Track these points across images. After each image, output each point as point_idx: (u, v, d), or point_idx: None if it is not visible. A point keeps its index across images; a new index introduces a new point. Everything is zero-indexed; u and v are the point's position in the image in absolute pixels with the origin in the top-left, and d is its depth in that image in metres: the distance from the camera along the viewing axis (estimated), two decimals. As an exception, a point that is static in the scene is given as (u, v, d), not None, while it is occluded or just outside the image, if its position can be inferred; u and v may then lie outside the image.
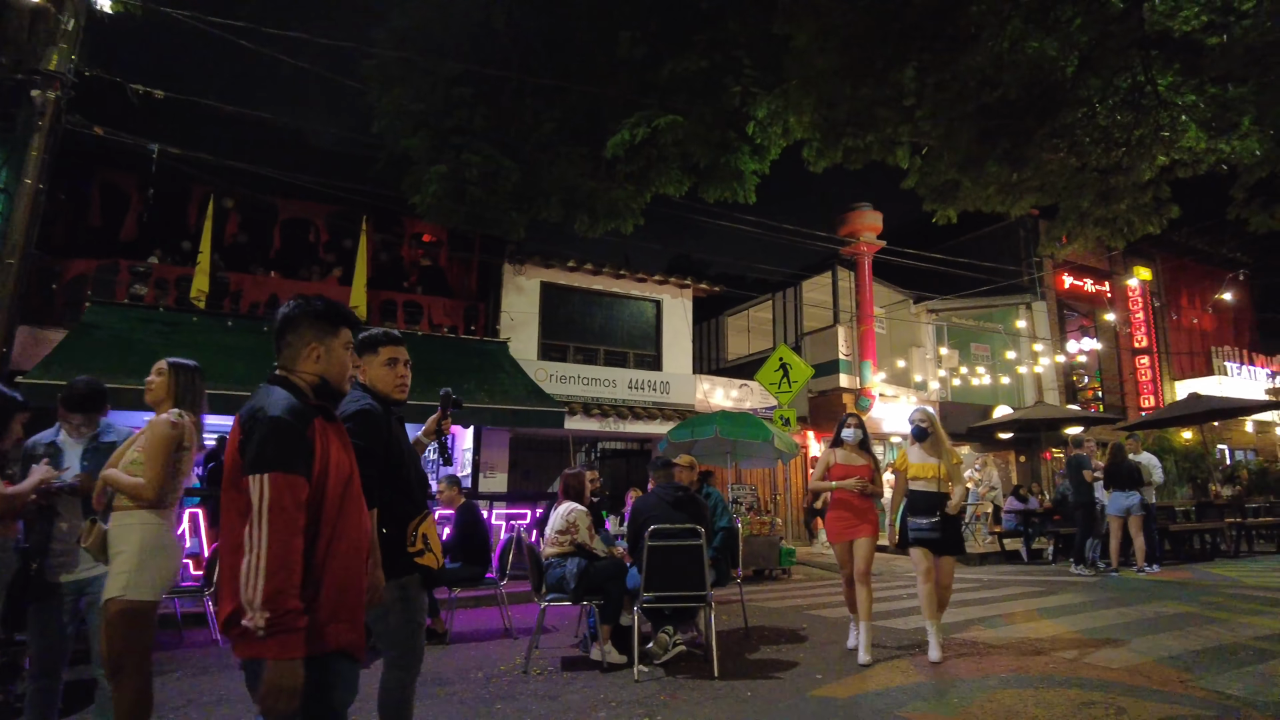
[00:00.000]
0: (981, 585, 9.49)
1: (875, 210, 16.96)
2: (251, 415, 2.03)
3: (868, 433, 6.03)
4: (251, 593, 1.87)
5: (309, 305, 2.23)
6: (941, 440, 5.59)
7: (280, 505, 1.93)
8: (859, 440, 5.87)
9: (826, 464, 5.86)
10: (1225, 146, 10.62)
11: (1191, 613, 7.03)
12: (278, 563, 1.89)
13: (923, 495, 5.52)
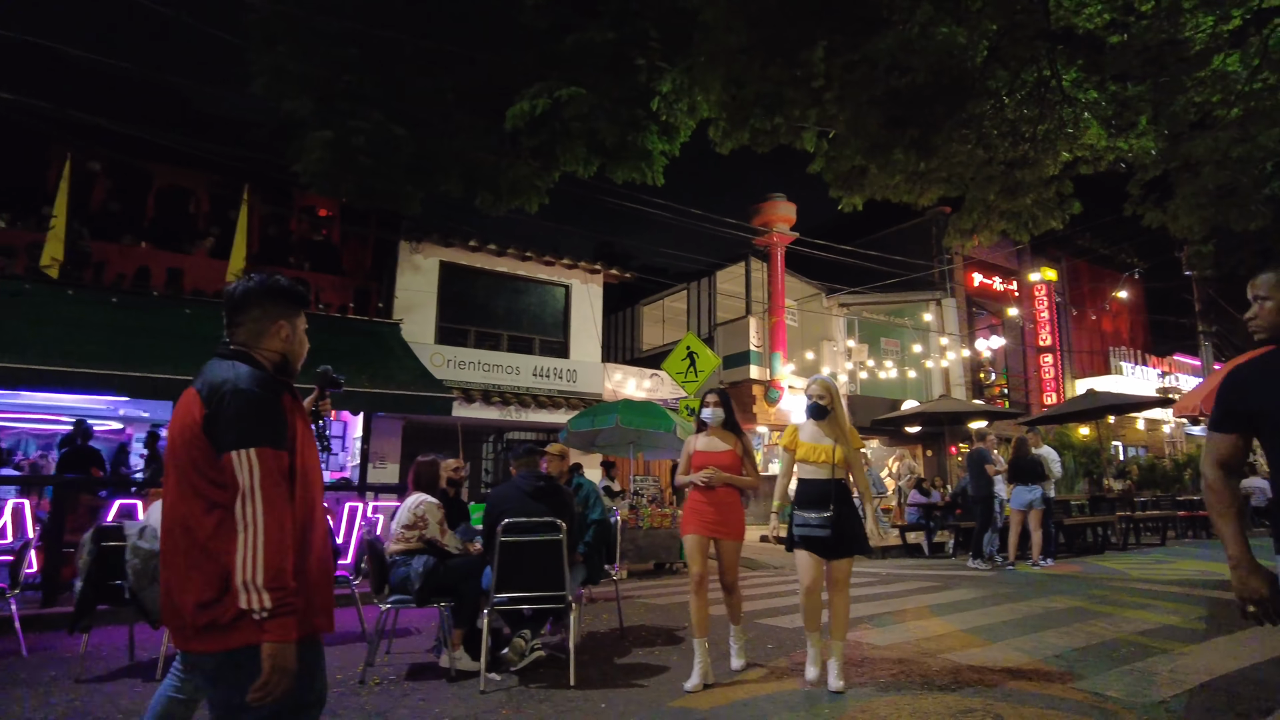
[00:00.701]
0: (879, 580, 9.32)
1: (789, 202, 16.80)
2: (219, 390, 1.91)
3: (733, 411, 5.10)
4: (251, 573, 1.79)
5: (276, 282, 2.17)
6: (841, 419, 4.62)
7: (273, 480, 1.87)
8: (721, 421, 4.99)
9: (687, 453, 5.02)
10: (1124, 144, 10.72)
11: (1079, 607, 6.94)
12: (276, 540, 1.83)
13: (814, 484, 4.48)
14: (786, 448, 4.75)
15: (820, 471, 4.50)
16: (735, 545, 4.83)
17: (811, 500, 4.46)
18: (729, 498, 4.82)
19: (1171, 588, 8.12)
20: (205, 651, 1.87)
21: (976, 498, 10.48)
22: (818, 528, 4.38)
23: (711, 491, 4.78)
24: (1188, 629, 5.97)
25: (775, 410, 16.57)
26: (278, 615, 1.80)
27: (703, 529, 4.76)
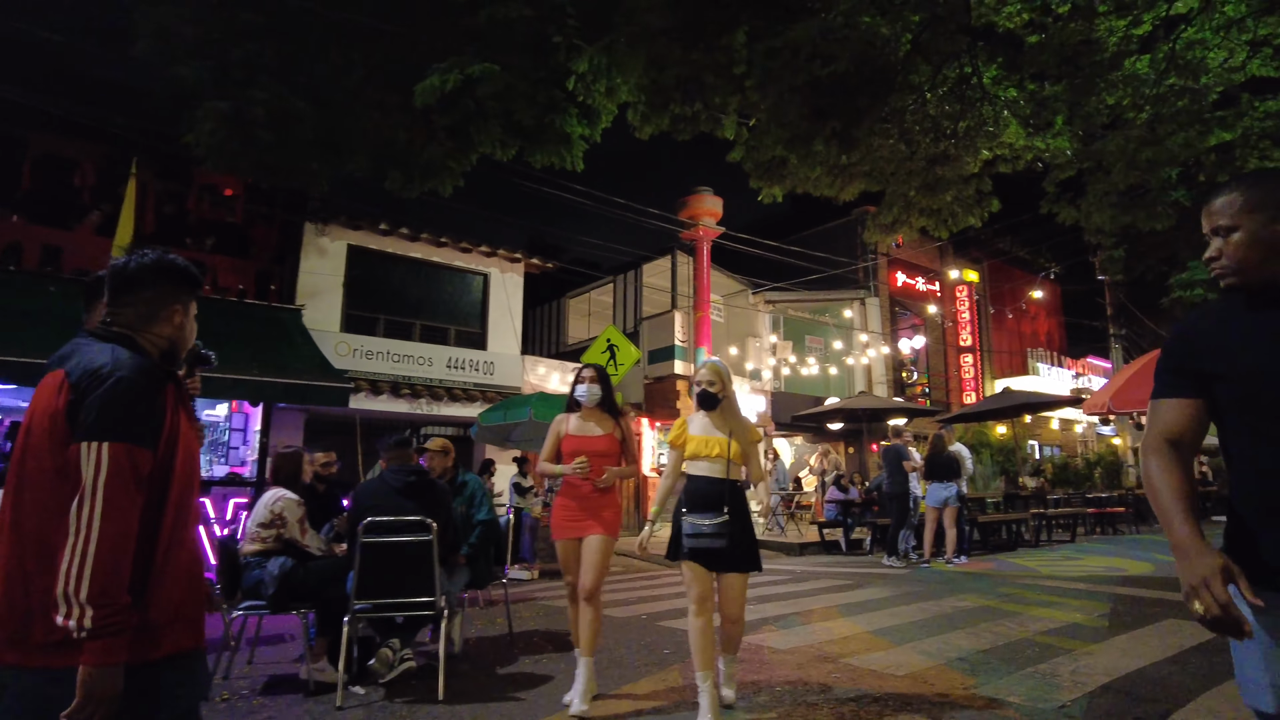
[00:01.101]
0: (793, 578, 9.13)
1: (716, 196, 16.59)
2: (90, 373, 1.70)
3: (611, 389, 4.50)
4: (74, 585, 1.55)
5: (173, 261, 1.95)
6: (734, 409, 3.99)
7: (121, 481, 1.63)
8: (598, 400, 4.36)
9: (555, 435, 4.37)
10: (1041, 144, 10.80)
11: (988, 607, 6.83)
12: (110, 551, 1.59)
13: (704, 483, 3.81)
14: (673, 444, 4.02)
15: (713, 469, 3.83)
16: (601, 543, 4.17)
17: (703, 503, 3.78)
18: (602, 491, 4.28)
19: (1078, 585, 8.12)
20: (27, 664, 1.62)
21: (892, 494, 10.40)
22: (711, 536, 3.69)
23: (582, 485, 4.22)
24: (1092, 627, 5.88)
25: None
26: (101, 636, 1.55)
27: (573, 530, 4.23)
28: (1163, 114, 9.85)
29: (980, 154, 10.89)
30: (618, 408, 4.55)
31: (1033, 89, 10.49)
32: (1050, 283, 28.66)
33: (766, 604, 7.06)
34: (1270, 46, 9.61)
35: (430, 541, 4.15)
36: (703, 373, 3.99)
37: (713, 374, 3.96)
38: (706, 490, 3.81)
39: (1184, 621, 6.08)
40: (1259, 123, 9.69)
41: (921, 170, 11.03)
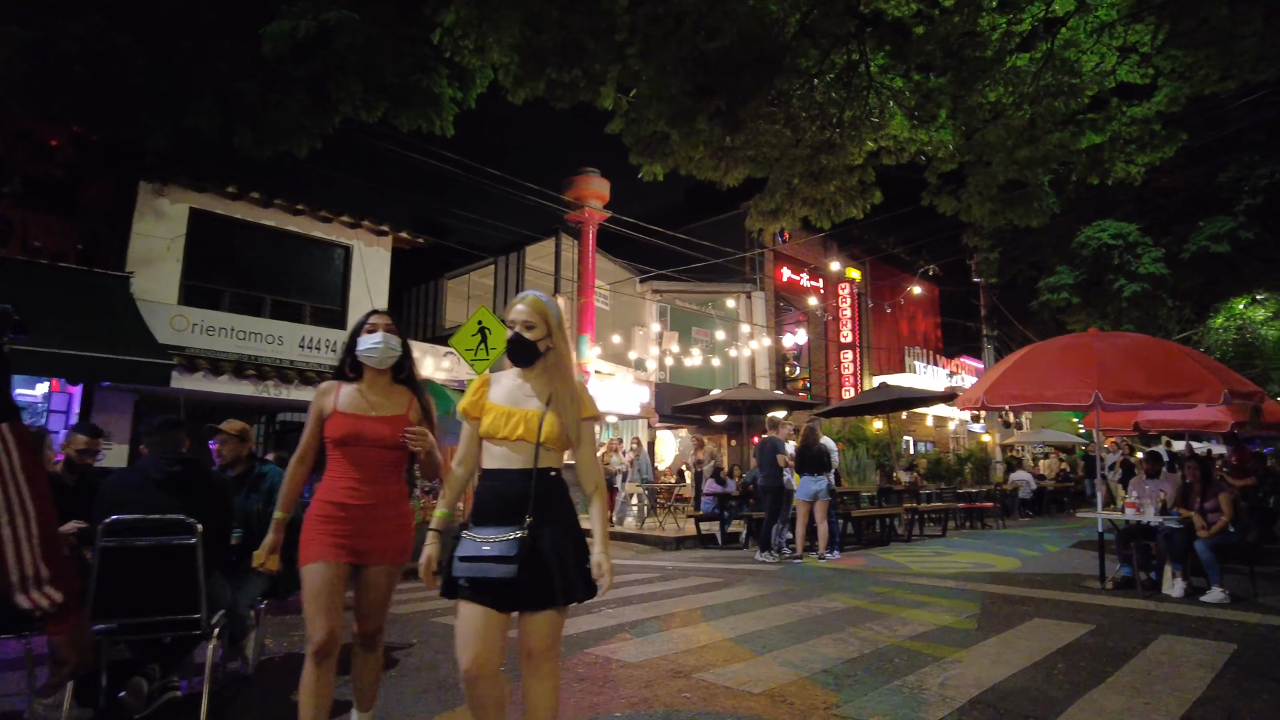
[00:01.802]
0: (661, 575, 8.65)
1: (603, 179, 15.99)
2: None
3: (410, 352, 3.24)
4: None
5: None
6: (564, 369, 2.68)
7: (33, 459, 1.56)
8: (392, 361, 3.10)
9: (317, 415, 3.05)
10: (924, 136, 10.70)
11: (858, 608, 6.51)
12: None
13: (500, 479, 2.54)
14: (465, 414, 2.65)
15: (515, 456, 2.53)
16: (388, 574, 3.05)
17: (494, 508, 2.49)
18: (385, 495, 3.03)
19: (948, 583, 7.98)
20: None
21: (766, 488, 10.10)
22: (494, 560, 2.37)
23: (355, 488, 2.97)
24: (960, 630, 5.62)
25: (582, 396, 15.77)
26: None
27: (334, 551, 2.90)
28: (1040, 113, 9.92)
29: (865, 144, 10.72)
30: (418, 379, 3.27)
31: (918, 80, 10.38)
32: (929, 283, 29.60)
33: (627, 607, 6.51)
34: (1137, 53, 9.79)
35: (194, 545, 3.35)
36: (518, 310, 2.63)
37: (532, 312, 2.62)
38: (501, 489, 2.51)
39: (1049, 621, 5.92)
40: (1126, 127, 9.85)
41: (806, 158, 10.77)
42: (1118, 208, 19.97)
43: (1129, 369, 7.20)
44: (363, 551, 2.96)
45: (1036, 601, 6.86)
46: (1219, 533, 7.06)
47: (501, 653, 2.48)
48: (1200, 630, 5.73)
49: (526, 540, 2.42)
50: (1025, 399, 7.64)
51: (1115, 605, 6.70)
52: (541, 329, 2.63)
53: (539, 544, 2.45)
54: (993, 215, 9.99)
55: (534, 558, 2.43)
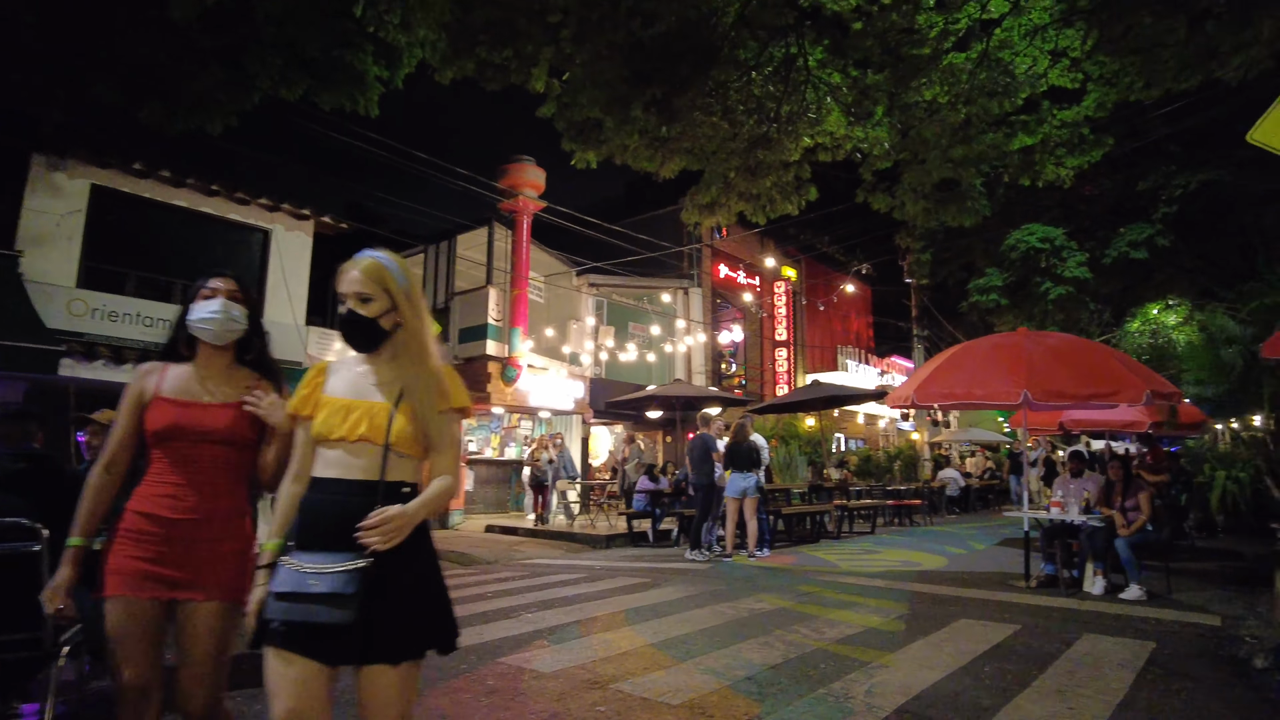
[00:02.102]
0: (588, 576, 8.38)
1: (539, 168, 15.60)
2: None
3: (262, 330, 2.58)
4: None
5: None
6: (419, 350, 2.12)
7: None
8: (235, 336, 2.46)
9: (135, 401, 2.39)
10: (860, 133, 10.68)
11: (785, 609, 6.36)
12: None
13: (331, 494, 1.98)
14: (297, 413, 2.10)
15: (356, 463, 1.99)
16: (220, 616, 2.31)
17: (328, 528, 1.93)
18: (217, 509, 2.36)
19: (876, 581, 7.92)
20: None
21: (698, 485, 9.93)
22: (324, 600, 1.82)
23: (177, 497, 2.31)
24: (888, 632, 5.51)
25: (513, 390, 15.34)
26: None
27: (143, 582, 2.25)
28: (974, 113, 9.97)
29: (802, 140, 10.64)
30: (272, 362, 2.58)
31: (856, 76, 10.34)
32: (862, 283, 30.01)
33: (548, 611, 6.23)
34: (1068, 58, 9.93)
35: (38, 553, 2.95)
36: (349, 278, 2.05)
37: (366, 280, 2.04)
38: (336, 505, 1.94)
39: (975, 622, 5.87)
40: (1057, 130, 9.98)
41: (743, 152, 10.64)
42: (1045, 212, 20.48)
43: (1056, 369, 7.22)
44: (182, 583, 2.25)
45: (963, 601, 6.82)
46: (1138, 531, 7.15)
47: (328, 714, 1.89)
48: (1120, 628, 5.74)
49: (369, 572, 1.83)
50: (955, 397, 7.62)
51: (1039, 604, 6.71)
52: (382, 300, 2.05)
53: (385, 578, 1.87)
54: (926, 214, 10.01)
55: (378, 596, 1.85)
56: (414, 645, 1.96)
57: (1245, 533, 12.83)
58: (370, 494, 1.94)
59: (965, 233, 22.55)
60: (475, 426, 17.76)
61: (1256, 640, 5.47)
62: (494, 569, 9.59)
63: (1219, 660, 4.97)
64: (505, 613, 6.21)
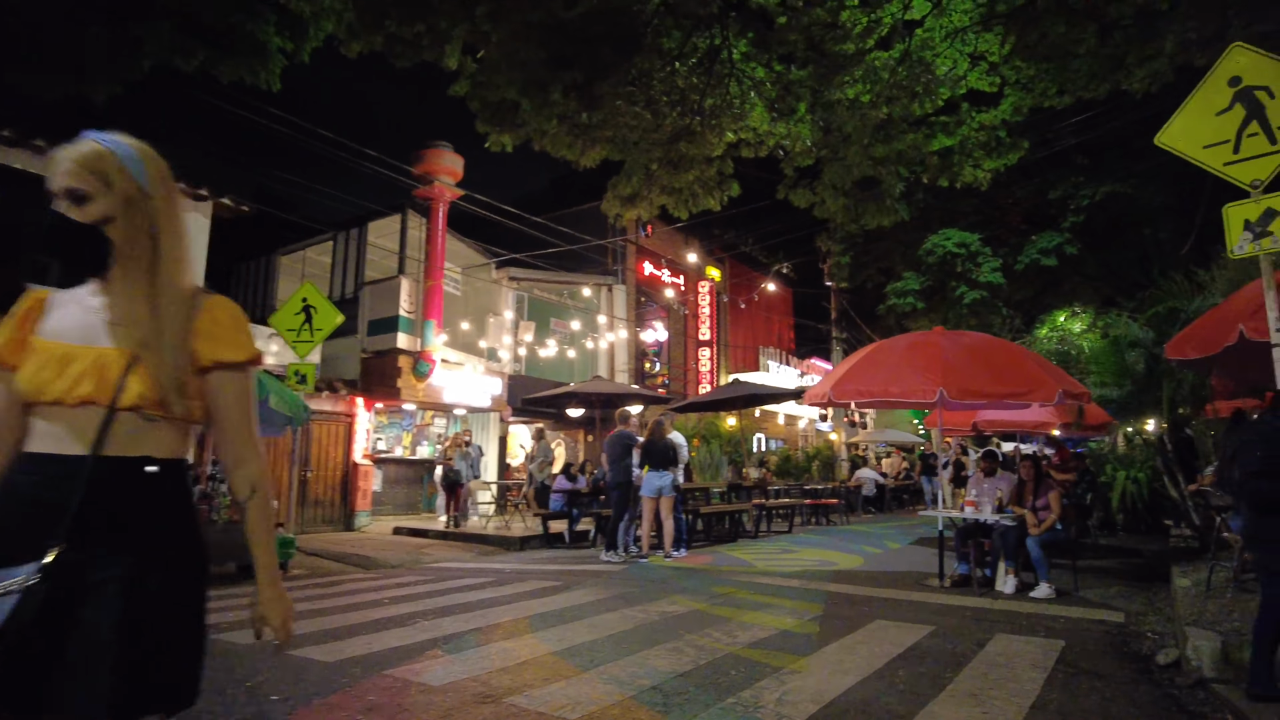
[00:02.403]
0: (496, 580, 7.99)
1: (457, 154, 15.06)
2: None
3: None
4: None
5: None
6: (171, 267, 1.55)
7: None
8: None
9: None
10: (783, 129, 10.60)
11: (698, 611, 6.13)
12: None
13: (37, 470, 1.43)
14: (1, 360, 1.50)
15: (72, 433, 1.43)
16: None
17: (10, 525, 1.39)
18: None
19: (792, 581, 7.78)
20: None
21: (614, 484, 9.64)
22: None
23: None
24: (802, 635, 5.32)
25: (425, 386, 14.75)
26: None
27: None
28: (895, 112, 10.00)
29: (725, 135, 10.50)
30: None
31: (780, 70, 10.25)
32: (784, 285, 30.32)
33: (446, 619, 5.83)
34: (987, 61, 10.04)
35: None
36: (62, 170, 1.48)
37: (85, 170, 1.48)
38: (30, 490, 1.42)
39: (890, 623, 5.75)
40: (975, 133, 10.09)
41: (665, 143, 10.42)
42: (961, 218, 20.99)
43: (973, 367, 7.21)
44: None
45: (878, 601, 6.72)
46: (1048, 530, 7.19)
47: None
48: (1031, 627, 5.71)
49: (36, 594, 1.28)
50: (871, 395, 7.54)
51: (953, 603, 6.66)
52: (107, 200, 1.48)
53: (75, 603, 1.32)
54: (846, 212, 9.98)
55: (55, 628, 1.30)
56: (107, 708, 1.30)
57: (1143, 530, 13.28)
58: (74, 471, 1.38)
59: (884, 237, 23.02)
60: (386, 424, 17.07)
61: (1158, 636, 5.52)
62: (397, 573, 9.10)
63: (1124, 657, 4.96)
64: (400, 620, 5.79)
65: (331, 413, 14.45)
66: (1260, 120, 5.53)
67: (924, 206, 20.87)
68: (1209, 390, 8.98)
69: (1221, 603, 5.57)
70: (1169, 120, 6.00)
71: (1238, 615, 5.08)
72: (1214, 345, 5.73)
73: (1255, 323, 5.36)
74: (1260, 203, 5.47)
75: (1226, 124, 5.67)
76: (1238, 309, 5.75)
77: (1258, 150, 5.54)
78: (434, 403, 15.39)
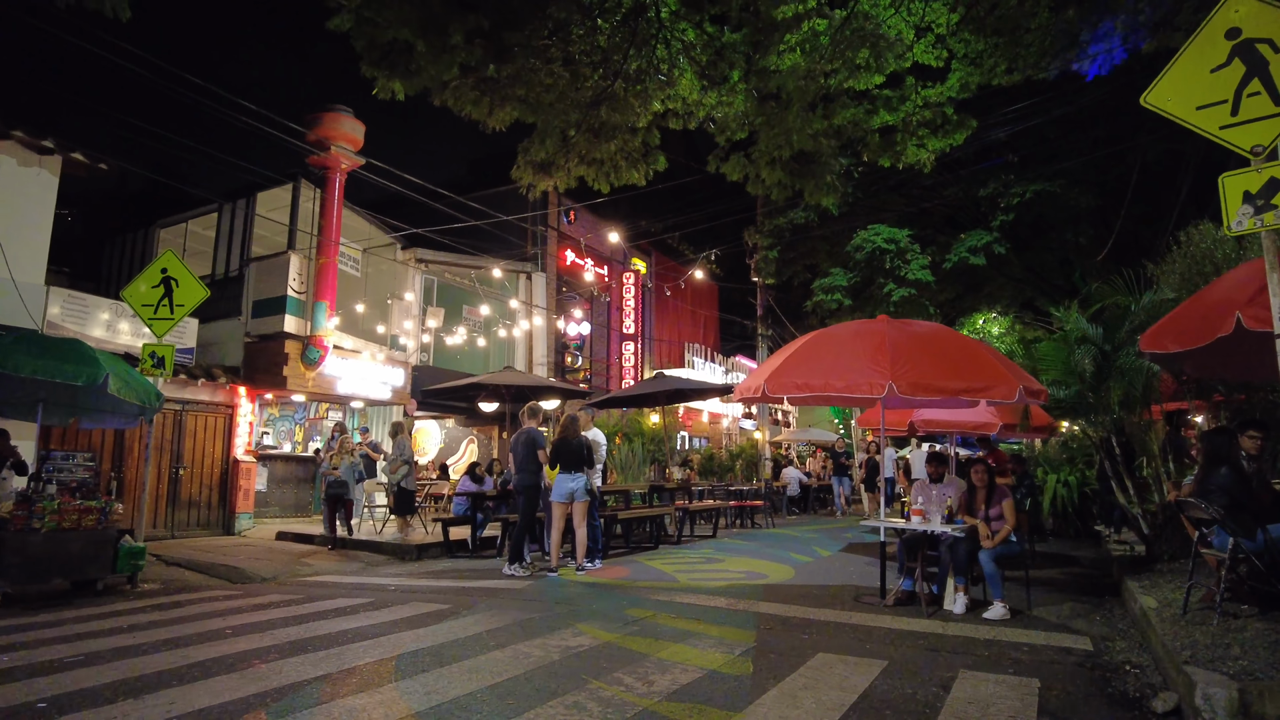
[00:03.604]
0: (375, 601, 6.79)
1: (358, 120, 13.62)
2: None
3: None
4: None
5: None
6: None
7: None
8: None
9: None
10: (714, 99, 9.69)
11: (608, 645, 5.10)
12: None
13: None
14: None
15: None
16: None
17: None
18: None
19: (718, 600, 6.83)
20: None
21: (520, 488, 8.52)
22: None
23: None
24: (733, 677, 4.35)
25: (315, 375, 13.28)
26: None
27: None
28: (834, 86, 9.19)
29: (651, 104, 9.50)
30: None
31: (712, 33, 9.31)
32: (711, 281, 29.61)
33: (293, 659, 4.63)
34: (933, 33, 9.34)
35: None
36: None
37: None
38: None
39: (835, 657, 4.83)
40: (919, 110, 9.36)
41: (586, 107, 9.36)
42: (889, 213, 20.59)
43: (925, 359, 6.40)
44: None
45: (818, 626, 5.82)
46: (1003, 542, 6.45)
47: None
48: (996, 660, 4.88)
49: None
50: (811, 389, 6.63)
51: (902, 628, 5.81)
52: None
53: None
54: (781, 187, 9.09)
55: None
56: None
57: (1071, 536, 12.95)
58: None
59: (811, 233, 22.46)
60: (277, 417, 15.48)
61: (1138, 670, 4.77)
62: (263, 590, 7.79)
63: (1111, 700, 4.16)
64: (233, 662, 4.57)
65: (209, 403, 12.86)
66: (1263, 78, 4.80)
67: (853, 202, 20.36)
68: (1157, 391, 8.46)
69: (1209, 631, 4.84)
70: (1157, 77, 5.28)
71: (1238, 649, 4.33)
72: (1203, 336, 5.01)
73: (1256, 310, 4.64)
74: (1263, 172, 4.75)
75: (1223, 82, 4.94)
76: (1229, 296, 5.04)
77: (1260, 112, 4.82)
78: (326, 394, 13.92)
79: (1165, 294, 8.11)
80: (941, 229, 21.36)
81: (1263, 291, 4.66)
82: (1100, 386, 8.31)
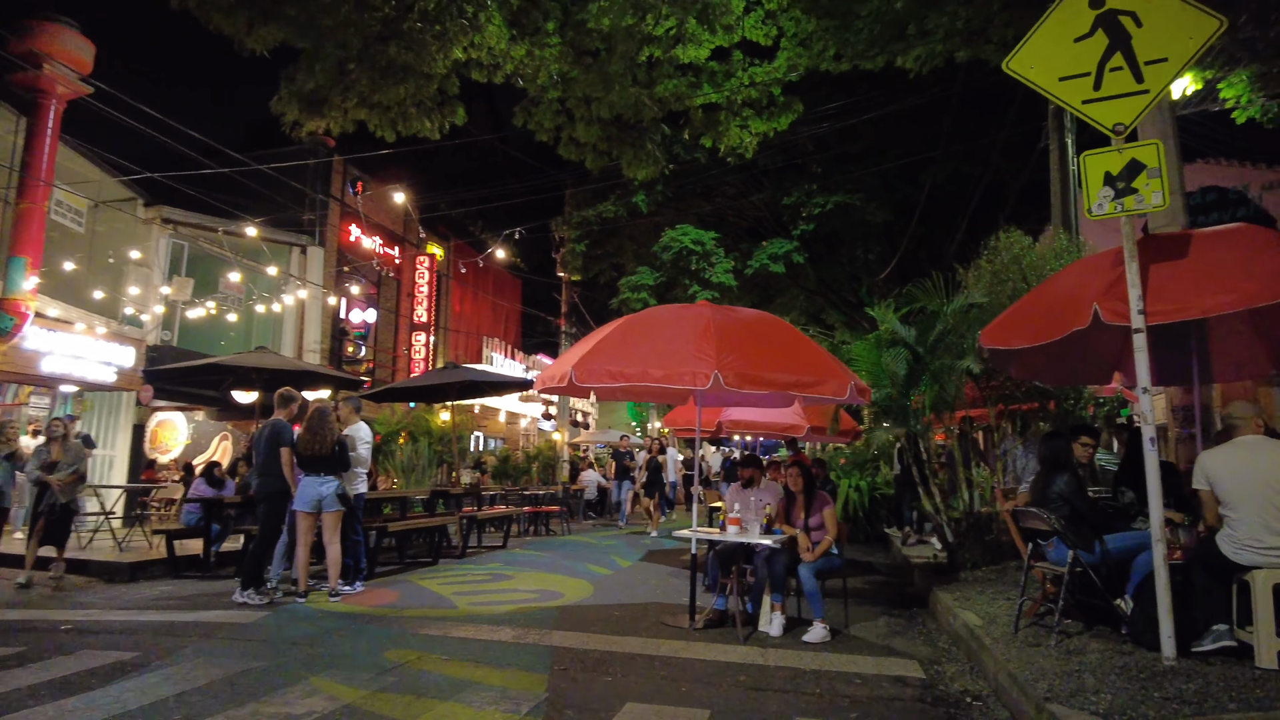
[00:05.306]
0: (28, 649, 4.96)
1: (85, 37, 11.03)
2: None
3: None
4: None
5: None
6: None
7: None
8: None
9: None
10: (523, 51, 8.54)
11: (347, 712, 3.76)
12: None
13: None
14: None
15: None
16: None
17: None
18: None
19: (504, 631, 5.66)
20: None
21: (262, 494, 6.84)
22: None
23: None
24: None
25: (9, 349, 10.55)
26: None
27: None
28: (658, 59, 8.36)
29: (452, 50, 8.15)
30: None
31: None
32: (514, 275, 28.30)
33: None
34: (764, 8, 8.78)
35: None
36: None
37: None
38: None
39: (648, 708, 3.84)
40: (745, 89, 8.75)
41: (373, 40, 7.88)
42: (694, 214, 20.41)
43: (752, 348, 5.63)
44: None
45: (623, 662, 4.83)
46: (824, 554, 5.81)
47: None
48: (830, 700, 4.13)
49: None
50: (626, 378, 5.65)
51: (718, 659, 4.95)
52: None
53: None
54: (598, 153, 8.10)
55: None
56: None
57: (862, 540, 13.03)
58: None
59: (619, 229, 21.88)
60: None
61: (981, 701, 4.19)
62: None
63: (967, 751, 3.47)
64: None
65: None
66: (1125, 51, 4.39)
67: (662, 201, 19.97)
68: (962, 395, 8.36)
69: (1050, 654, 4.36)
70: (1020, 42, 4.81)
71: (1092, 679, 3.81)
72: (1053, 330, 4.56)
73: (1112, 303, 4.21)
74: (1124, 153, 4.34)
75: (1086, 53, 4.49)
76: (1080, 289, 4.62)
77: (1121, 89, 4.41)
78: (25, 374, 11.12)
79: (975, 298, 7.98)
80: (744, 237, 21.52)
81: (1120, 282, 4.26)
82: (911, 389, 8.07)
